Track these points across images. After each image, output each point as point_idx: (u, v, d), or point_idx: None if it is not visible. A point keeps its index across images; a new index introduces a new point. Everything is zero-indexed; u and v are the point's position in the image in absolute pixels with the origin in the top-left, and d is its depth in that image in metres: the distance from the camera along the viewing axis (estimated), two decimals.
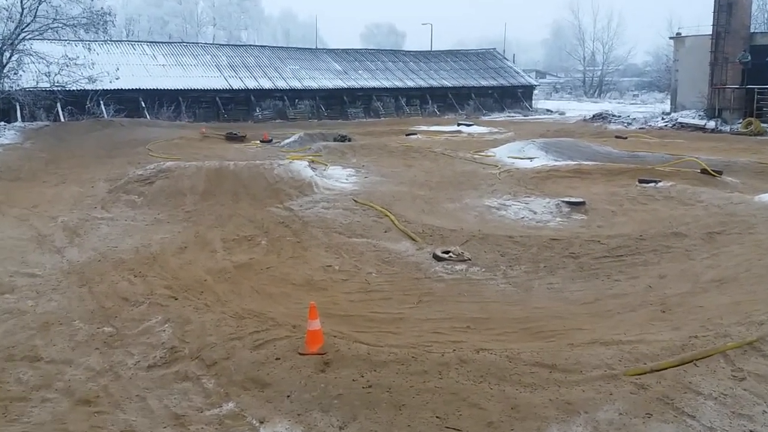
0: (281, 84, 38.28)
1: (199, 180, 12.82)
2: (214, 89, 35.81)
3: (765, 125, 26.48)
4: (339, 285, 7.52)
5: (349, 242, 9.28)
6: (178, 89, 34.38)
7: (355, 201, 11.92)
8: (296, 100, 38.32)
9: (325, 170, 15.29)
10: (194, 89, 35.22)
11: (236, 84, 36.94)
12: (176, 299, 6.67)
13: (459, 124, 31.79)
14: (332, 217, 10.76)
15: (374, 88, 40.81)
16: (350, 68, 42.73)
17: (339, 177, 14.71)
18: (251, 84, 37.33)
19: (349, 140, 18.87)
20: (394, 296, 7.17)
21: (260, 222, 10.44)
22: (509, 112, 43.30)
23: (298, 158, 16.44)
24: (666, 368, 4.74)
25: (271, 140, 22.88)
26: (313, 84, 39.24)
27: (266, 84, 37.84)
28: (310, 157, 16.93)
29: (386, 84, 41.72)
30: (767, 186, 13.77)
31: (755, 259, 8.17)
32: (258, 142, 22.90)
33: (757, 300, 6.46)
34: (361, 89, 40.36)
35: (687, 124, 29.57)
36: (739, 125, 27.47)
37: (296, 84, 38.75)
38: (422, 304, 6.93)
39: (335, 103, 39.48)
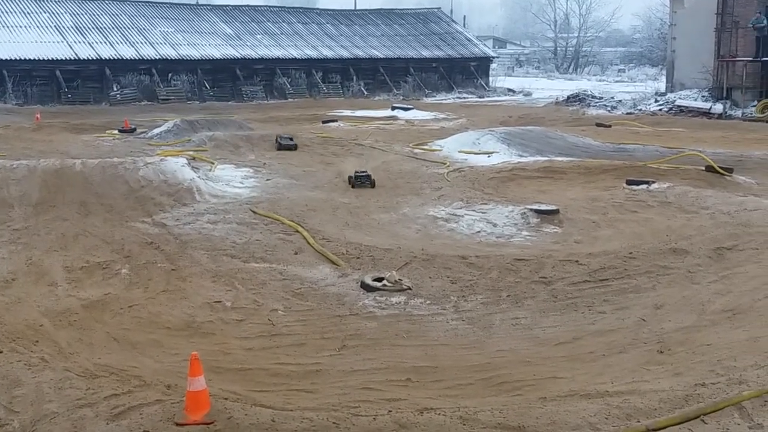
0: (148, 52, 37.68)
1: (32, 186, 12.49)
2: (53, 59, 34.92)
3: None
4: (232, 328, 7.42)
5: (246, 268, 9.18)
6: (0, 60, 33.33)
7: (253, 212, 11.84)
8: (170, 75, 37.80)
9: (211, 171, 15.12)
10: (24, 59, 34.24)
11: (85, 52, 36.11)
12: (0, 352, 6.41)
13: (394, 108, 32.14)
14: (222, 235, 10.65)
15: (279, 59, 40.77)
16: (245, 32, 42.55)
17: (231, 179, 14.55)
18: (106, 52, 36.59)
19: (294, 147, 18.64)
20: (309, 341, 7.11)
21: (119, 243, 10.24)
22: (460, 92, 44.17)
23: (173, 154, 16.20)
24: (666, 427, 4.87)
25: (134, 129, 22.51)
26: (193, 53, 38.83)
27: (127, 52, 37.16)
28: (191, 153, 16.71)
29: (295, 53, 41.74)
30: None
31: None
32: (116, 132, 22.46)
33: None
34: (261, 60, 40.23)
35: (687, 107, 30.88)
36: (754, 109, 28.89)
37: (169, 52, 38.22)
38: (347, 351, 6.89)
39: (225, 78, 39.20)
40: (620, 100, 34.56)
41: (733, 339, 6.83)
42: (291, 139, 18.82)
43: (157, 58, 37.48)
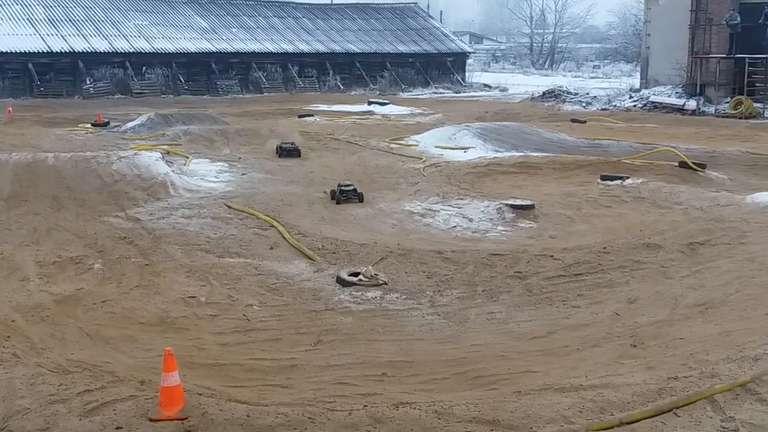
0: (122, 45, 37.35)
1: (3, 180, 12.39)
2: (25, 52, 34.52)
3: (758, 105, 28.28)
4: (206, 323, 7.39)
5: (221, 264, 9.15)
6: None
7: (228, 207, 11.81)
8: (144, 68, 37.53)
9: (186, 165, 15.05)
10: None
11: (57, 45, 35.71)
12: None
13: (370, 103, 32.16)
14: (196, 230, 10.60)
15: (254, 53, 40.60)
16: (220, 25, 42.30)
17: (206, 174, 14.50)
18: (79, 45, 36.20)
19: (298, 154, 17.26)
20: (284, 336, 7.09)
21: (92, 237, 10.16)
22: (436, 88, 44.25)
23: (146, 148, 16.09)
24: (639, 420, 4.91)
25: (108, 123, 22.37)
26: (167, 46, 38.55)
27: (101, 45, 36.80)
28: (165, 147, 16.63)
29: (271, 47, 41.58)
30: (761, 183, 14.70)
31: (748, 276, 8.66)
32: (89, 125, 22.28)
33: (751, 329, 6.85)
34: (236, 54, 40.04)
35: (661, 103, 31.15)
36: (727, 105, 29.20)
37: (143, 45, 37.92)
38: (322, 346, 6.88)
39: (199, 72, 38.97)
40: (595, 96, 34.79)
41: (706, 333, 6.91)
42: (293, 144, 17.43)
43: (131, 51, 37.18)
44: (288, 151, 17.02)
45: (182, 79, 37.84)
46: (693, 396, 5.18)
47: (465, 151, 18.05)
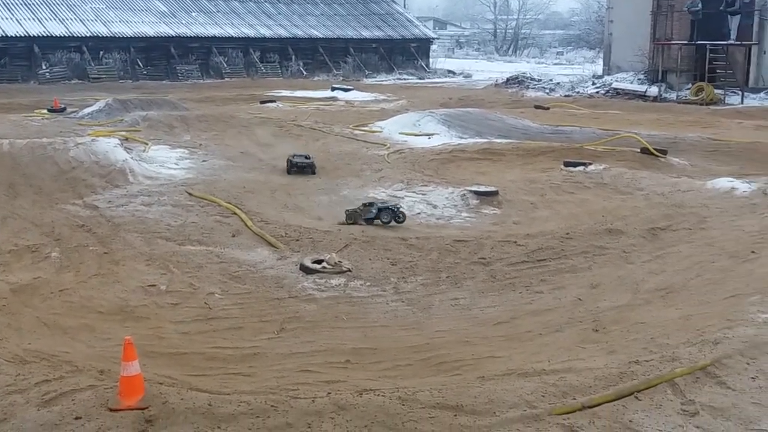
0: (78, 29, 36.76)
1: None
2: None
3: (719, 92, 28.70)
4: (167, 312, 7.34)
5: (182, 251, 9.09)
6: None
7: (189, 194, 11.71)
8: (101, 53, 36.97)
9: (145, 151, 14.88)
10: None
11: (12, 29, 35.06)
12: None
13: (334, 89, 32.05)
14: (156, 217, 10.51)
15: (215, 38, 40.21)
16: (179, 9, 41.78)
17: (166, 161, 14.35)
18: (34, 29, 35.58)
19: (313, 171, 14.06)
20: (247, 324, 7.08)
21: (49, 226, 10.04)
22: (400, 74, 44.17)
23: (104, 134, 15.87)
24: (601, 404, 4.97)
25: (65, 109, 22.04)
26: (125, 30, 38.02)
27: (57, 29, 36.18)
28: (123, 134, 16.41)
29: (232, 32, 41.19)
30: (721, 168, 14.95)
31: (708, 261, 8.81)
32: (45, 111, 21.92)
33: (711, 313, 6.96)
34: (197, 38, 39.63)
35: (624, 90, 31.47)
36: (688, 92, 29.58)
37: (101, 29, 37.36)
38: (285, 334, 6.88)
39: (158, 56, 38.50)
40: (558, 83, 35.01)
41: (666, 317, 7.02)
42: (308, 158, 14.23)
43: (87, 35, 36.62)
44: (300, 167, 13.93)
45: (141, 64, 37.39)
46: (654, 380, 5.25)
47: (429, 138, 18.07)
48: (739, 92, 29.01)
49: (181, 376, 5.67)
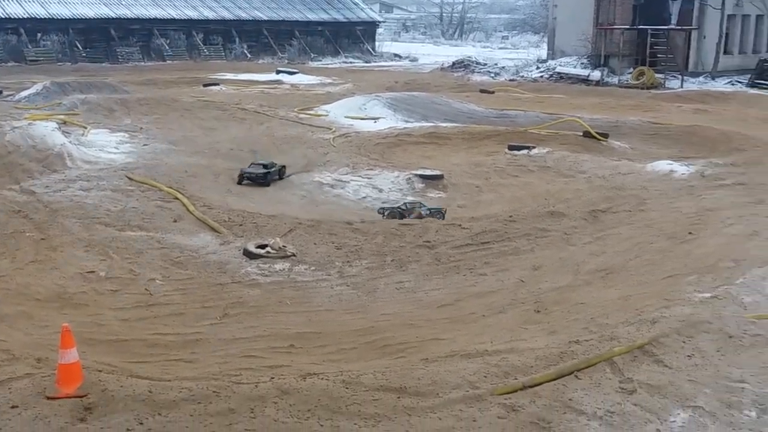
0: (15, 11, 35.81)
1: None
2: None
3: (660, 76, 29.22)
4: (106, 298, 7.26)
5: (122, 237, 8.96)
6: None
7: (129, 179, 11.53)
8: (39, 35, 36.09)
9: (84, 135, 14.61)
10: None
11: None
12: None
13: (278, 72, 31.79)
14: (95, 203, 10.32)
15: (156, 20, 39.50)
16: None
17: (105, 145, 14.11)
18: None
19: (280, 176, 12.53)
20: (189, 310, 7.04)
21: None
22: (346, 57, 43.98)
23: (42, 118, 15.53)
24: (541, 383, 5.07)
25: (1, 92, 21.53)
26: (63, 11, 37.15)
27: None
28: (62, 117, 16.09)
29: (173, 14, 40.53)
30: (661, 152, 15.26)
31: (646, 242, 9.01)
32: None
33: (649, 293, 7.13)
34: (137, 20, 38.91)
35: (567, 74, 31.85)
36: (629, 76, 30.06)
37: (38, 11, 36.45)
38: (228, 320, 6.85)
39: (98, 39, 37.71)
40: (503, 67, 35.27)
41: (606, 298, 7.16)
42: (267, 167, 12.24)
43: (24, 17, 35.72)
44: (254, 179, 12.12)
45: (80, 46, 36.61)
46: (593, 359, 5.36)
47: (375, 122, 18.07)
48: (679, 76, 29.56)
49: (121, 363, 5.61)
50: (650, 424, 4.67)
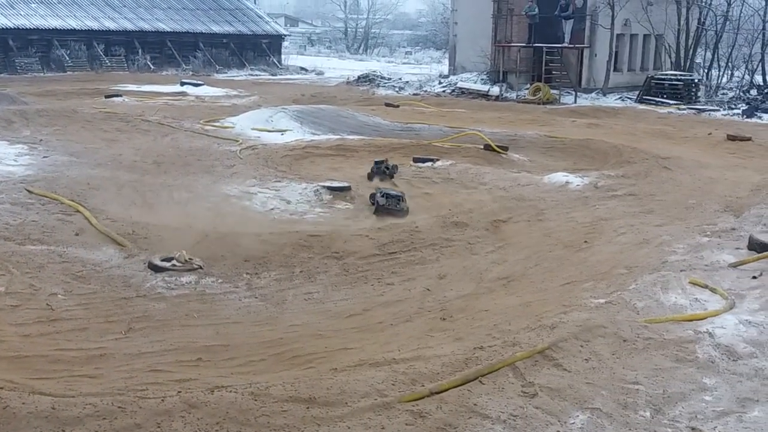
0: None
1: None
2: None
3: (555, 92, 30.08)
4: (6, 314, 6.98)
5: (21, 251, 8.64)
6: None
7: (29, 191, 11.13)
8: None
9: None
10: None
11: None
12: None
13: (183, 83, 31.27)
14: None
15: (56, 30, 38.32)
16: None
17: (4, 157, 13.59)
18: None
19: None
20: (92, 325, 6.86)
21: None
22: (252, 70, 43.65)
23: None
24: (447, 389, 5.11)
25: None
26: None
27: None
28: None
29: (74, 24, 39.38)
30: (557, 164, 15.68)
31: (545, 251, 9.25)
32: None
33: (548, 300, 7.31)
34: (36, 30, 37.66)
35: (468, 89, 32.40)
36: (527, 92, 30.84)
37: None
38: (134, 334, 6.72)
39: None
40: (407, 81, 35.62)
41: (508, 304, 7.30)
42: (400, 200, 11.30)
43: None
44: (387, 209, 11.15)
45: None
46: (496, 364, 5.45)
47: (282, 134, 17.95)
48: (573, 92, 30.48)
49: (23, 379, 5.40)
50: (551, 426, 4.77)
